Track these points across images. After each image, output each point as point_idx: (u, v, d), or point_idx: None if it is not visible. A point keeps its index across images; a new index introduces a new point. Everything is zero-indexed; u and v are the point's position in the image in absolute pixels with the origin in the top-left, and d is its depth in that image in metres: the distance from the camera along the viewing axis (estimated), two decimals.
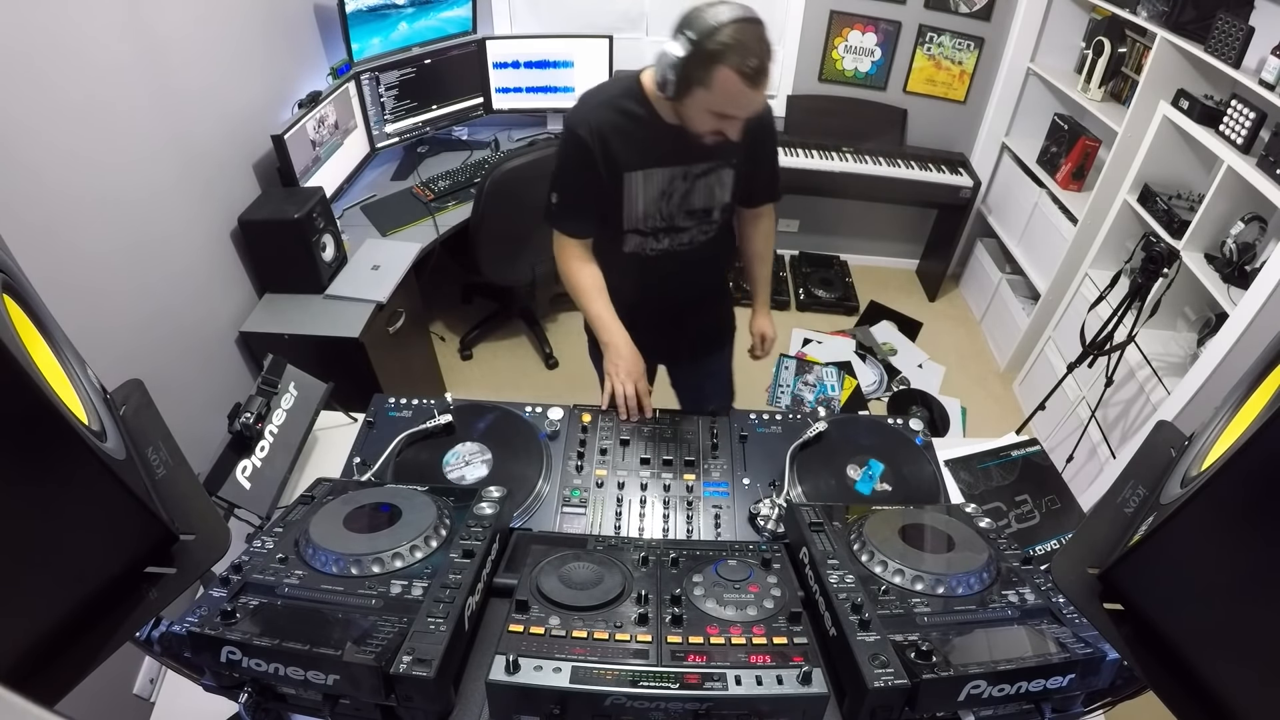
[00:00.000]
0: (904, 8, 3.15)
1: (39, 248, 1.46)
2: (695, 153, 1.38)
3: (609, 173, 1.40)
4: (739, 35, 1.16)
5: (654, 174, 1.41)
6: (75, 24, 1.54)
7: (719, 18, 1.17)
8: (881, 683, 0.71)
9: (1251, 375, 0.64)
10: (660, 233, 1.51)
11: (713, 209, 1.51)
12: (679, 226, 1.51)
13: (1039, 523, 1.33)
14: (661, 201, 1.45)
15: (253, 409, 1.25)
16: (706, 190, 1.47)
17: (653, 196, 1.44)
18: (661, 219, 1.49)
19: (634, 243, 1.53)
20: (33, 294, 0.63)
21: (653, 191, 1.44)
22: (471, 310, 3.45)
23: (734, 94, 1.21)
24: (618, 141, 1.37)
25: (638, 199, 1.44)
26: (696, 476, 1.28)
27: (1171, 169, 2.38)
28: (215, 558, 0.71)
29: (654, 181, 1.42)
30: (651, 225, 1.49)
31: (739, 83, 1.19)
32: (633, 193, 1.43)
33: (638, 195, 1.44)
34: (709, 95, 1.22)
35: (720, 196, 1.50)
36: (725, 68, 1.17)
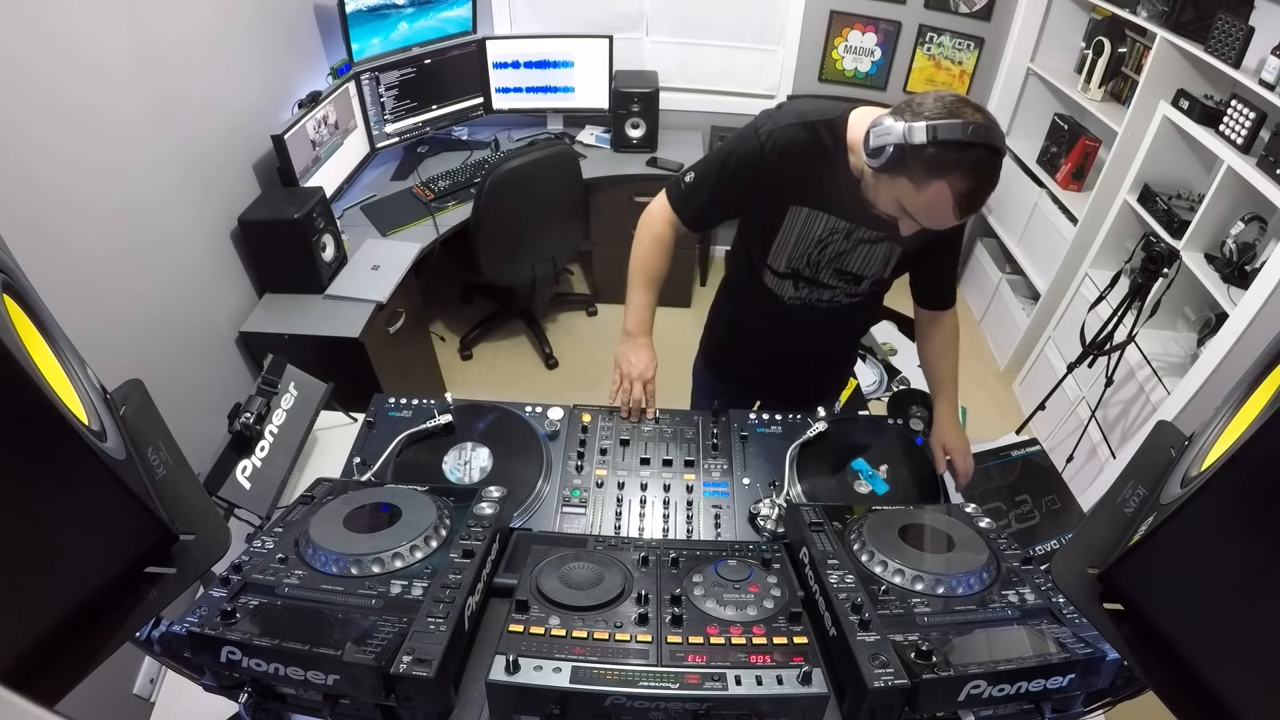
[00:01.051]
0: (904, 8, 3.15)
1: (39, 247, 1.46)
2: (869, 217, 1.24)
3: (774, 197, 1.30)
4: (978, 164, 1.05)
5: (818, 217, 1.30)
6: (75, 25, 1.55)
7: (972, 135, 1.04)
8: (881, 683, 0.71)
9: (1251, 375, 0.64)
10: (803, 282, 1.41)
11: (865, 278, 1.40)
12: (824, 283, 1.41)
13: (1039, 523, 1.33)
14: (815, 249, 1.34)
15: (253, 409, 1.25)
16: (866, 257, 1.36)
17: (809, 240, 1.33)
18: (808, 265, 1.38)
19: (773, 281, 1.44)
20: (33, 294, 0.63)
21: (810, 235, 1.32)
22: (471, 310, 3.45)
23: (937, 210, 1.09)
24: (798, 170, 1.25)
25: (792, 235, 1.34)
26: (696, 476, 1.28)
27: (1171, 169, 2.39)
28: (215, 558, 0.71)
29: (816, 224, 1.31)
30: (794, 269, 1.39)
31: (949, 206, 1.07)
32: (790, 227, 1.33)
33: (794, 231, 1.33)
34: (913, 194, 1.09)
35: (878, 269, 1.38)
36: (946, 185, 1.05)
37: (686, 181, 1.36)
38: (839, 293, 1.43)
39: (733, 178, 1.30)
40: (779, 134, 1.24)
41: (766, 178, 1.26)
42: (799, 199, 1.29)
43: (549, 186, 2.67)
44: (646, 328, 1.42)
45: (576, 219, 2.92)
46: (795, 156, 1.24)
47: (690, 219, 1.39)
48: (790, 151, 1.24)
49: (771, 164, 1.25)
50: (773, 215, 1.32)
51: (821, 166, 1.24)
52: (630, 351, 1.40)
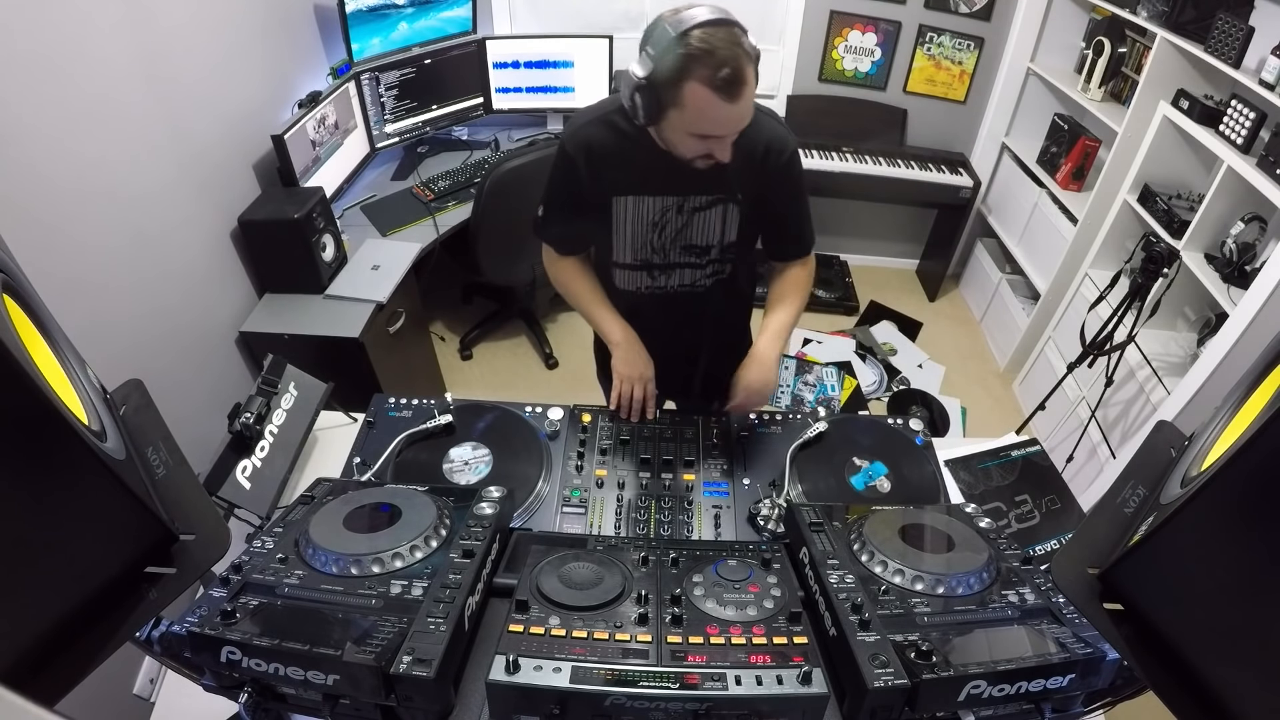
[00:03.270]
0: (904, 8, 3.15)
1: (39, 247, 1.46)
2: (693, 183, 1.26)
3: (596, 194, 1.30)
4: (705, 41, 1.01)
5: (645, 201, 1.30)
6: (75, 21, 1.55)
7: (680, 25, 1.02)
8: (881, 683, 0.71)
9: (1251, 375, 0.64)
10: (655, 269, 1.40)
11: (711, 247, 1.37)
12: (674, 263, 1.39)
13: (1039, 523, 1.33)
14: (653, 233, 1.34)
15: (253, 409, 1.25)
16: (706, 226, 1.34)
17: (643, 226, 1.33)
18: (654, 252, 1.37)
19: (624, 279, 1.43)
20: (33, 294, 0.63)
21: (643, 221, 1.32)
22: (471, 310, 3.45)
23: (708, 110, 1.06)
24: (606, 162, 1.26)
25: (625, 226, 1.34)
26: (696, 476, 1.28)
27: (1171, 169, 2.38)
28: (215, 558, 0.71)
29: (645, 210, 1.31)
30: (643, 259, 1.38)
31: (712, 97, 1.04)
32: (621, 219, 1.33)
33: (626, 222, 1.33)
34: (682, 116, 1.08)
35: (724, 234, 1.35)
36: (693, 82, 1.03)
37: (541, 216, 1.40)
38: (698, 273, 1.41)
39: (562, 194, 1.35)
40: (578, 135, 1.27)
41: (586, 181, 1.28)
42: (618, 189, 1.29)
43: None
44: (627, 331, 1.42)
45: None
46: (601, 152, 1.25)
47: (564, 247, 1.43)
48: (595, 148, 1.26)
49: (584, 166, 1.27)
50: (603, 213, 1.33)
51: (628, 152, 1.24)
52: (625, 355, 1.40)
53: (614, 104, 1.26)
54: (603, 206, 1.32)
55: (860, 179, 3.25)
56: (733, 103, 1.06)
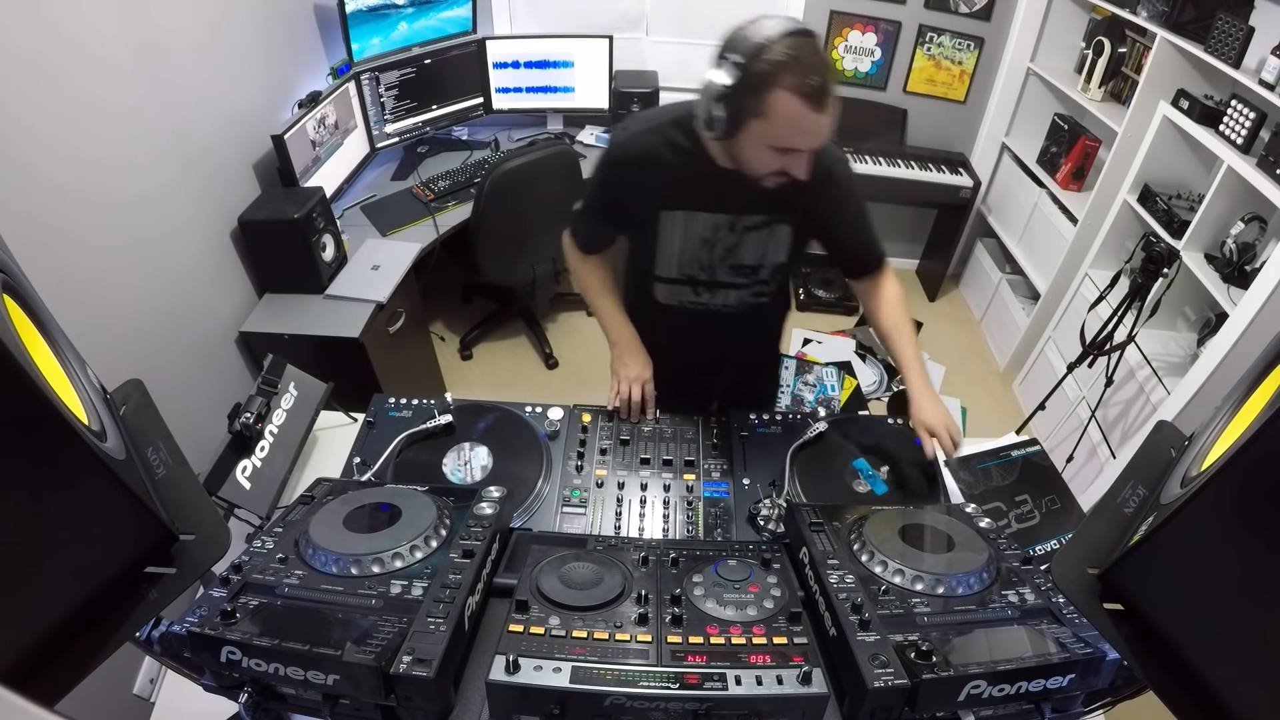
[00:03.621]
0: (904, 8, 3.15)
1: (39, 247, 1.46)
2: (747, 203, 1.23)
3: (643, 206, 1.28)
4: (794, 50, 0.99)
5: (696, 218, 1.27)
6: (76, 21, 1.55)
7: (766, 33, 1.00)
8: (881, 683, 0.71)
9: (1251, 375, 0.64)
10: (700, 286, 1.38)
11: (761, 267, 1.34)
12: (722, 282, 1.36)
13: (1039, 523, 1.33)
14: (703, 250, 1.31)
15: (253, 409, 1.25)
16: (757, 246, 1.30)
17: (693, 243, 1.30)
18: (701, 269, 1.34)
19: (667, 293, 1.41)
20: (33, 294, 0.63)
21: (694, 237, 1.29)
22: (471, 310, 3.45)
23: (797, 120, 1.02)
24: (658, 174, 1.23)
25: (673, 241, 1.31)
26: (696, 476, 1.28)
27: (1171, 169, 2.38)
28: (215, 558, 0.71)
29: (696, 226, 1.28)
30: (688, 274, 1.36)
31: (801, 106, 1.00)
32: (669, 233, 1.30)
33: (674, 237, 1.30)
34: (767, 126, 1.04)
35: (773, 255, 1.33)
36: (782, 90, 1.00)
37: (577, 210, 1.39)
38: (745, 292, 1.38)
39: (604, 199, 1.33)
40: (630, 143, 1.24)
41: (631, 190, 1.26)
42: (669, 204, 1.26)
43: (549, 187, 2.67)
44: (629, 331, 1.43)
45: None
46: (652, 162, 1.22)
47: (583, 245, 1.43)
48: (646, 158, 1.23)
49: (633, 174, 1.25)
50: (648, 225, 1.30)
51: (682, 166, 1.21)
52: (624, 356, 1.40)
53: (669, 115, 1.24)
54: (648, 218, 1.29)
55: (860, 179, 3.23)
56: (820, 113, 1.02)
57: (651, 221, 1.30)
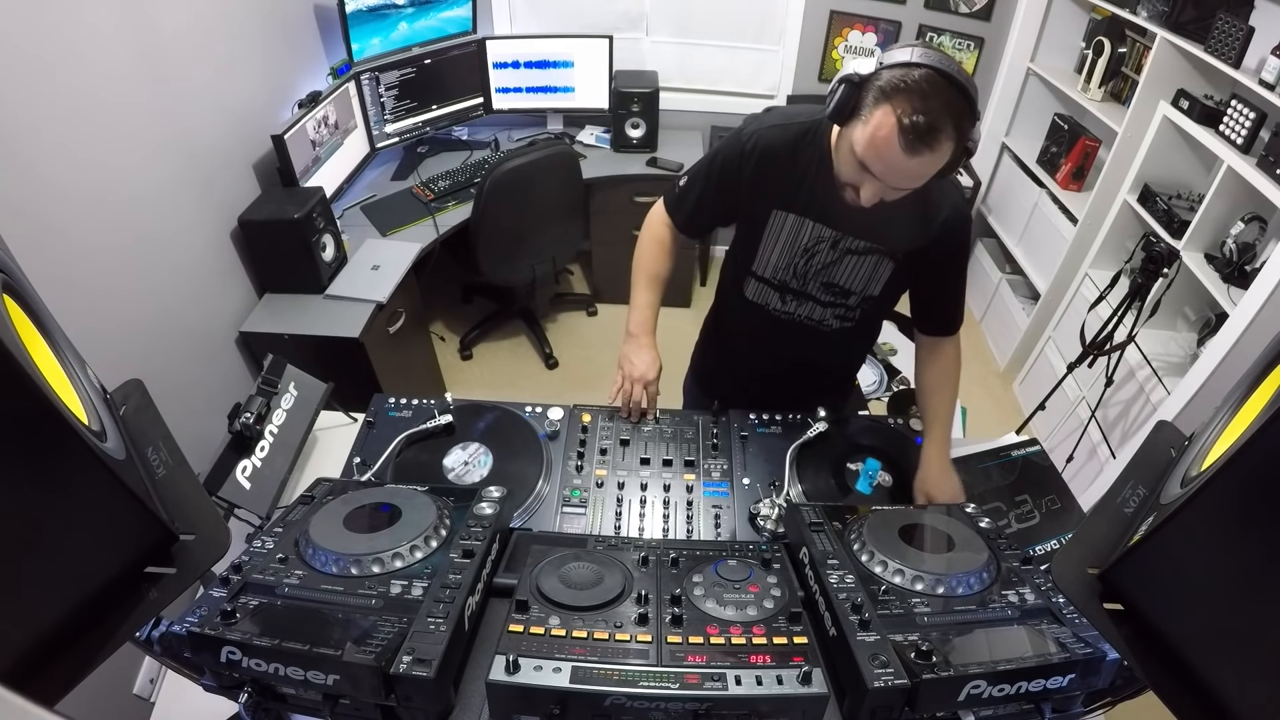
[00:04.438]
0: (904, 8, 3.15)
1: (39, 247, 1.46)
2: (857, 225, 1.21)
3: (756, 201, 1.27)
4: (923, 84, 0.95)
5: (805, 224, 1.25)
6: (76, 23, 1.55)
7: (918, 57, 0.97)
8: (881, 683, 0.71)
9: (1251, 375, 0.64)
10: (789, 294, 1.36)
11: (853, 293, 1.32)
12: (811, 295, 1.35)
13: (1039, 523, 1.33)
14: (801, 258, 1.29)
15: (253, 409, 1.25)
16: (854, 271, 1.29)
17: (795, 248, 1.29)
18: (794, 276, 1.33)
19: (756, 290, 1.40)
20: (33, 294, 0.63)
21: (796, 243, 1.28)
22: (471, 310, 3.45)
23: (882, 144, 0.99)
24: (778, 172, 1.22)
25: (776, 241, 1.30)
26: (696, 476, 1.28)
27: (1171, 169, 2.38)
28: (215, 558, 0.71)
29: (803, 232, 1.26)
30: (781, 279, 1.34)
31: (892, 132, 0.97)
32: (774, 232, 1.29)
33: (777, 237, 1.29)
34: (860, 135, 1.02)
35: (868, 286, 1.31)
36: (887, 108, 0.97)
37: (680, 185, 1.36)
38: (829, 312, 1.37)
39: (718, 181, 1.30)
40: (762, 135, 1.23)
41: (749, 181, 1.25)
42: (782, 204, 1.26)
43: (549, 186, 2.67)
44: (649, 328, 1.41)
45: (576, 219, 2.92)
46: (778, 159, 1.22)
47: (682, 223, 1.39)
48: (773, 154, 1.22)
49: (753, 166, 1.23)
50: (757, 220, 1.29)
51: (805, 170, 1.21)
52: (633, 352, 1.38)
53: (805, 117, 1.23)
54: (758, 214, 1.29)
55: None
56: (908, 154, 0.98)
57: (761, 217, 1.29)
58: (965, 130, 1.00)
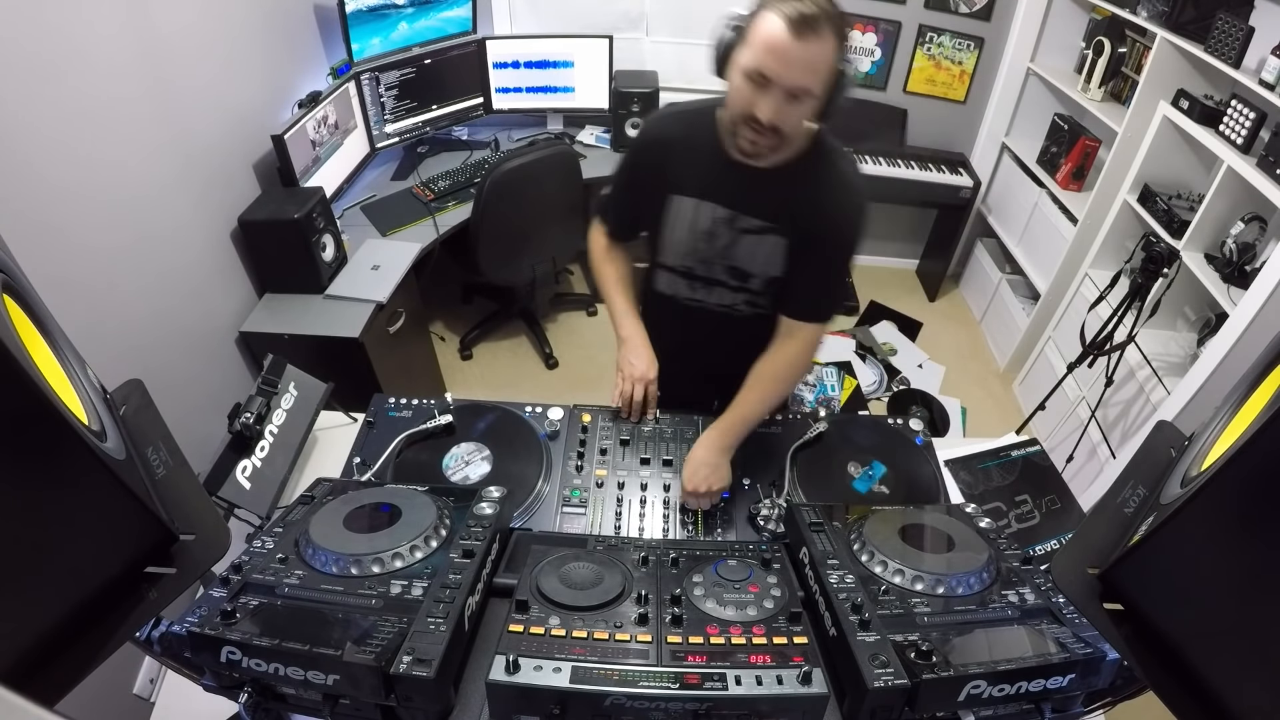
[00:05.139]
0: (904, 8, 3.15)
1: (39, 247, 1.46)
2: (750, 204, 1.24)
3: (657, 187, 1.30)
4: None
5: (704, 206, 1.27)
6: (77, 22, 1.54)
7: None
8: (881, 683, 0.71)
9: (1251, 375, 0.64)
10: (696, 280, 1.37)
11: (752, 275, 1.32)
12: (718, 280, 1.35)
13: (1039, 523, 1.33)
14: (702, 241, 1.30)
15: (253, 409, 1.25)
16: (753, 251, 1.29)
17: (697, 232, 1.30)
18: (698, 262, 1.34)
19: (666, 282, 1.41)
20: (33, 294, 0.63)
21: (698, 226, 1.29)
22: (471, 310, 3.45)
23: (770, 38, 1.01)
24: (675, 156, 1.26)
25: (678, 226, 1.31)
26: None
27: (1171, 169, 2.38)
28: (215, 558, 0.71)
29: (702, 214, 1.28)
30: (686, 266, 1.36)
31: (779, 24, 0.99)
32: (674, 218, 1.31)
33: (679, 222, 1.31)
34: (748, 47, 1.05)
35: (766, 266, 1.30)
36: (767, 10, 1.02)
37: (603, 194, 1.42)
38: (739, 297, 1.36)
39: (629, 179, 1.37)
40: (654, 125, 1.30)
41: (651, 170, 1.30)
42: (678, 188, 1.29)
43: (549, 186, 2.67)
44: (639, 329, 1.41)
45: (576, 219, 2.91)
46: (673, 144, 1.26)
47: (612, 228, 1.44)
48: (666, 139, 1.27)
49: (653, 155, 1.29)
50: (659, 208, 1.32)
51: (699, 151, 1.24)
52: (630, 354, 1.39)
53: (700, 104, 1.27)
54: (660, 200, 1.31)
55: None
56: (796, 38, 0.99)
57: (662, 204, 1.32)
58: (841, 38, 1.05)
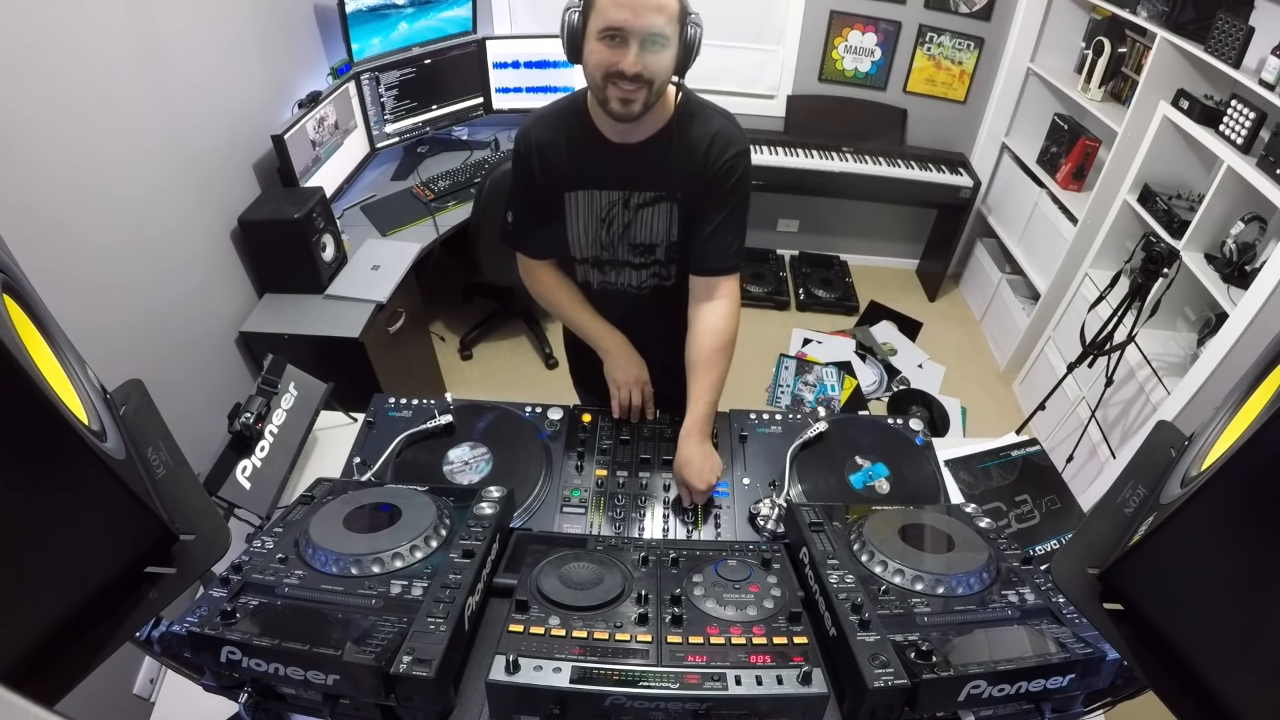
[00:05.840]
0: (904, 8, 3.15)
1: (39, 247, 1.46)
2: (639, 179, 1.27)
3: (549, 191, 1.31)
4: None
5: (595, 196, 1.30)
6: (76, 22, 1.55)
7: None
8: (881, 683, 0.71)
9: (1251, 375, 0.64)
10: (605, 265, 1.39)
11: (656, 246, 1.34)
12: (622, 260, 1.38)
13: (1039, 523, 1.33)
14: (601, 229, 1.33)
15: (253, 409, 1.25)
16: (649, 223, 1.31)
17: (593, 221, 1.33)
18: (603, 248, 1.36)
19: (582, 274, 1.43)
20: (33, 294, 0.63)
21: (593, 216, 1.32)
22: (471, 310, 3.45)
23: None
24: (556, 157, 1.27)
25: (577, 221, 1.33)
26: None
27: (1171, 169, 2.39)
28: (215, 558, 0.71)
29: (595, 204, 1.31)
30: (593, 254, 1.38)
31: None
32: (573, 214, 1.33)
33: (577, 217, 1.33)
34: (595, 17, 1.10)
35: (666, 233, 1.32)
36: None
37: (509, 222, 1.39)
38: (644, 274, 1.39)
39: (522, 195, 1.35)
40: (530, 135, 1.29)
41: (540, 178, 1.29)
42: (569, 185, 1.30)
43: None
44: (617, 337, 1.41)
45: None
46: (551, 146, 1.27)
47: (535, 250, 1.42)
48: (544, 143, 1.27)
49: (536, 164, 1.28)
50: (558, 209, 1.33)
51: (577, 145, 1.26)
52: (618, 362, 1.39)
53: (562, 102, 1.30)
54: (557, 203, 1.33)
55: (860, 179, 3.25)
56: None
57: (559, 205, 1.33)
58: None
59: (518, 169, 1.33)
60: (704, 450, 1.23)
